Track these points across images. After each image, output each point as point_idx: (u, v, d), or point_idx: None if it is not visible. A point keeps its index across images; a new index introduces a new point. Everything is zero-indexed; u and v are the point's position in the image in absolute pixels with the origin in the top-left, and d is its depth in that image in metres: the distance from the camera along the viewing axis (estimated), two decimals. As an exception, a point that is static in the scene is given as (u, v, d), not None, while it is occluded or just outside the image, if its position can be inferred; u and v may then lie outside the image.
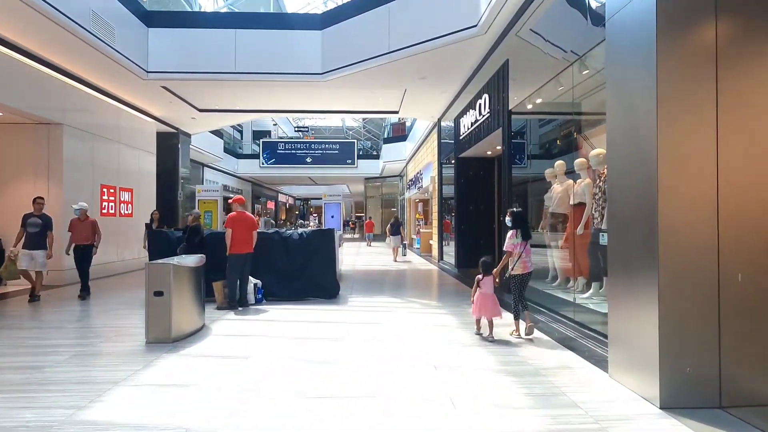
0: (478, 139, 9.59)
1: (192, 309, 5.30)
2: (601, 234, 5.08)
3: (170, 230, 7.49)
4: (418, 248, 19.52)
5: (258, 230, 7.32)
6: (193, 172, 22.56)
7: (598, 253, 5.57)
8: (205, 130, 16.29)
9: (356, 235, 37.79)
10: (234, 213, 6.84)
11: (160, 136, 14.83)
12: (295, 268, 7.45)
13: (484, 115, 8.94)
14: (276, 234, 7.50)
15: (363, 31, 9.58)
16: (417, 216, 22.72)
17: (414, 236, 22.00)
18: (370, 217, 30.13)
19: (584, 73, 5.65)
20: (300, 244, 7.48)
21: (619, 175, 3.79)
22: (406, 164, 25.10)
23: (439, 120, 14.23)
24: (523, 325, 5.22)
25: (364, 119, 47.20)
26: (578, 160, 6.17)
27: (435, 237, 15.71)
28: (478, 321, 5.32)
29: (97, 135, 10.62)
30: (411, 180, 21.94)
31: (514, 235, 5.29)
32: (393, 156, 25.89)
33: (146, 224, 8.92)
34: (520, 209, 5.53)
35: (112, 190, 11.17)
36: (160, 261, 5.01)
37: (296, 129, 33.96)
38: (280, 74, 10.27)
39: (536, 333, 5.31)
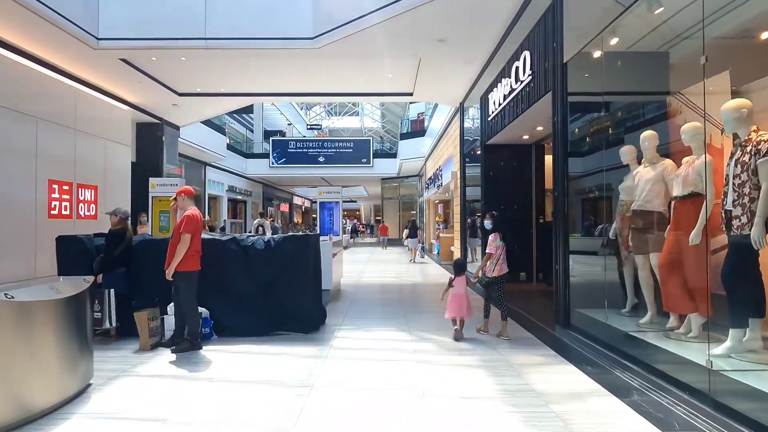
0: (514, 116, 7.28)
1: (55, 368, 3.19)
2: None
3: (89, 236, 5.44)
4: (437, 255, 17.19)
5: (208, 236, 5.22)
6: (193, 171, 20.90)
7: (746, 278, 3.23)
8: (195, 121, 14.38)
9: (373, 239, 35.69)
10: (190, 211, 4.73)
11: (141, 128, 13.01)
12: (259, 291, 5.28)
13: (523, 81, 6.64)
14: (232, 242, 5.34)
15: (363, -22, 7.40)
16: (436, 218, 20.42)
17: (433, 241, 19.70)
18: (381, 221, 28.84)
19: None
20: (266, 256, 5.31)
21: None
22: (425, 162, 22.86)
23: (462, 104, 11.94)
24: (496, 325, 5.36)
25: (383, 119, 45.20)
26: (690, 126, 3.83)
27: (457, 243, 13.40)
28: (453, 321, 5.31)
29: (43, 119, 8.71)
30: (430, 179, 19.68)
31: (496, 238, 5.33)
32: (411, 153, 23.68)
33: None
34: (500, 213, 5.60)
35: (66, 187, 9.25)
36: (-33, 293, 2.90)
37: (309, 127, 32.10)
38: (260, 40, 8.17)
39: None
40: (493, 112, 8.48)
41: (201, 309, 5.03)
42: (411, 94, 11.46)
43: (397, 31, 7.53)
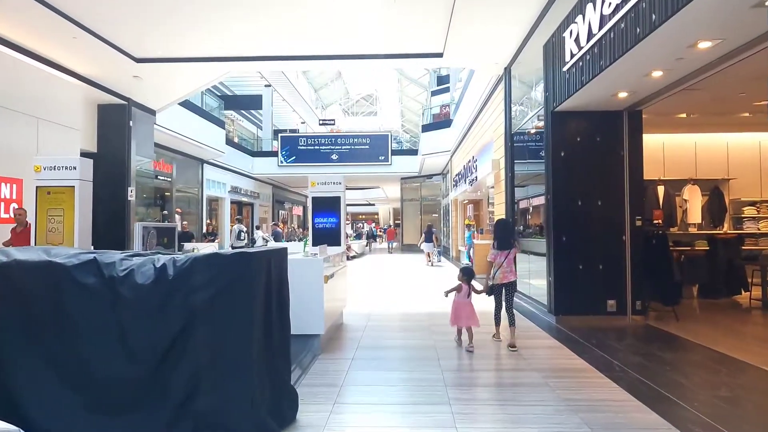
0: (628, 46, 4.31)
1: None
2: None
3: None
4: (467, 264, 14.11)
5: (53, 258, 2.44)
6: (188, 171, 18.44)
7: None
8: (171, 102, 11.73)
9: (394, 244, 32.74)
10: None
11: (104, 110, 10.53)
12: (141, 374, 2.45)
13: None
14: (87, 269, 2.49)
15: None
16: (466, 221, 17.40)
17: (462, 248, 16.67)
18: (390, 225, 27.75)
19: None
20: (155, 300, 2.48)
21: None
22: (451, 157, 19.92)
23: (508, 69, 9.00)
24: (505, 331, 5.17)
25: (402, 118, 42.34)
26: None
27: (499, 252, 10.39)
28: (459, 331, 5.14)
29: None
30: (458, 174, 16.71)
31: (494, 244, 5.30)
32: (434, 147, 20.75)
33: None
34: (503, 219, 6.08)
35: (-35, 180, 6.68)
36: None
37: (321, 122, 29.51)
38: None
39: None
40: (573, 57, 5.51)
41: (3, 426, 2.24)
42: (441, 55, 8.58)
43: None
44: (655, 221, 7.31)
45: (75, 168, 5.27)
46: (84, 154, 9.98)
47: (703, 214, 8.27)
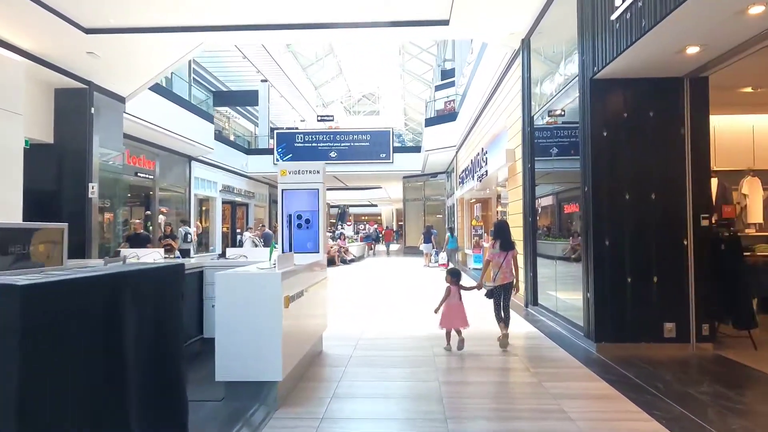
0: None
1: None
2: None
3: None
4: (475, 269, 12.60)
5: None
6: (174, 168, 17.14)
7: None
8: (140, 86, 10.27)
9: (395, 247, 31.34)
10: None
11: (63, 96, 9.18)
12: None
13: None
14: None
15: None
16: (473, 222, 15.97)
17: (468, 251, 15.23)
18: (387, 227, 28.58)
19: None
20: None
21: None
22: (456, 153, 18.51)
23: (527, 41, 7.58)
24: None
25: (405, 116, 40.96)
26: None
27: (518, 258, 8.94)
28: (447, 334, 4.97)
29: None
30: (465, 170, 15.27)
31: (493, 245, 5.29)
32: (438, 142, 19.33)
33: None
34: (502, 220, 6.08)
35: None
36: None
37: (319, 118, 28.18)
38: None
39: None
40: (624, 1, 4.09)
41: None
42: (447, 23, 7.16)
43: None
44: (722, 220, 5.87)
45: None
46: (37, 145, 8.72)
47: (764, 212, 6.84)
